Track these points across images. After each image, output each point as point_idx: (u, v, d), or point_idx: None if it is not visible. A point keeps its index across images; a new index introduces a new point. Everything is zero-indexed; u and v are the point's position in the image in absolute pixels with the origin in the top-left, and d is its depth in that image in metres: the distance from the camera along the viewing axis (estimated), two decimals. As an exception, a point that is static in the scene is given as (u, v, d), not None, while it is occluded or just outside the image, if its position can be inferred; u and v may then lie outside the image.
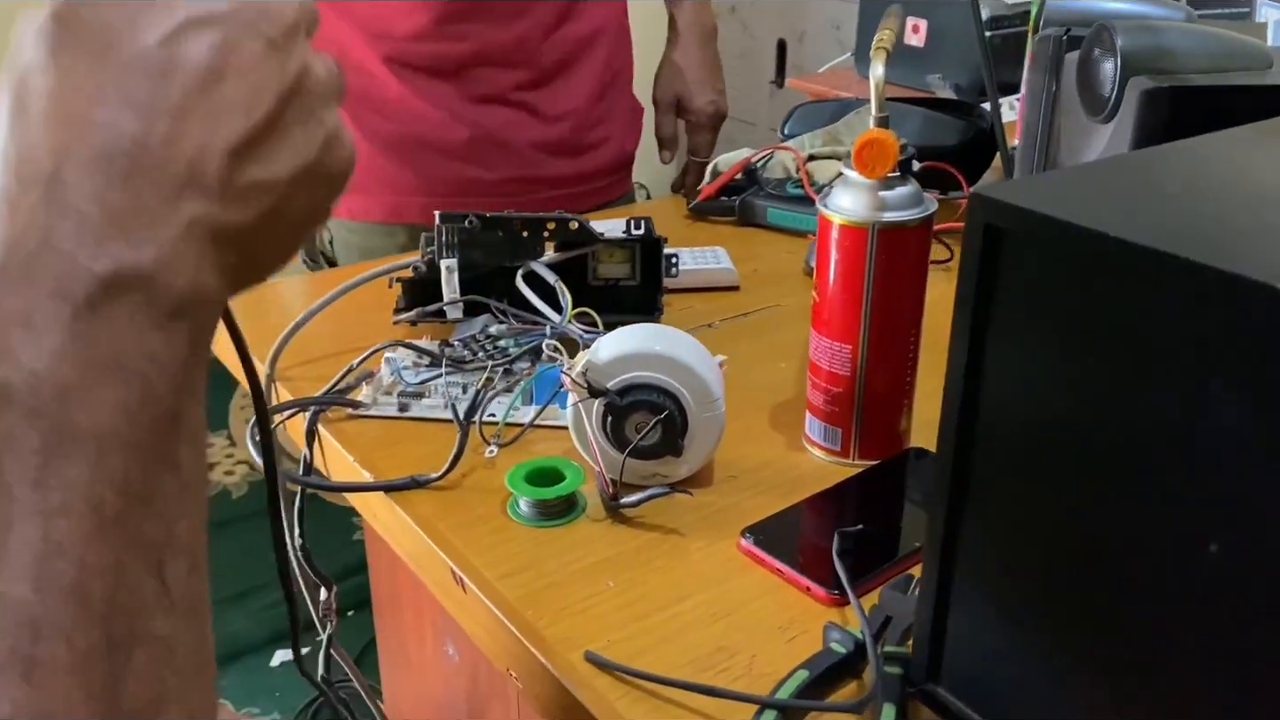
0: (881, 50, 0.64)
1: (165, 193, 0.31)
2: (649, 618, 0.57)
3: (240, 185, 0.32)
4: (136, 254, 0.30)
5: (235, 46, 0.32)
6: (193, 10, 0.32)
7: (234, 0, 0.32)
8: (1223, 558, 0.35)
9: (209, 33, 0.32)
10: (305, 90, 0.34)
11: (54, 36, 0.31)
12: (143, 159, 0.31)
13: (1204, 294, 0.33)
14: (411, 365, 0.78)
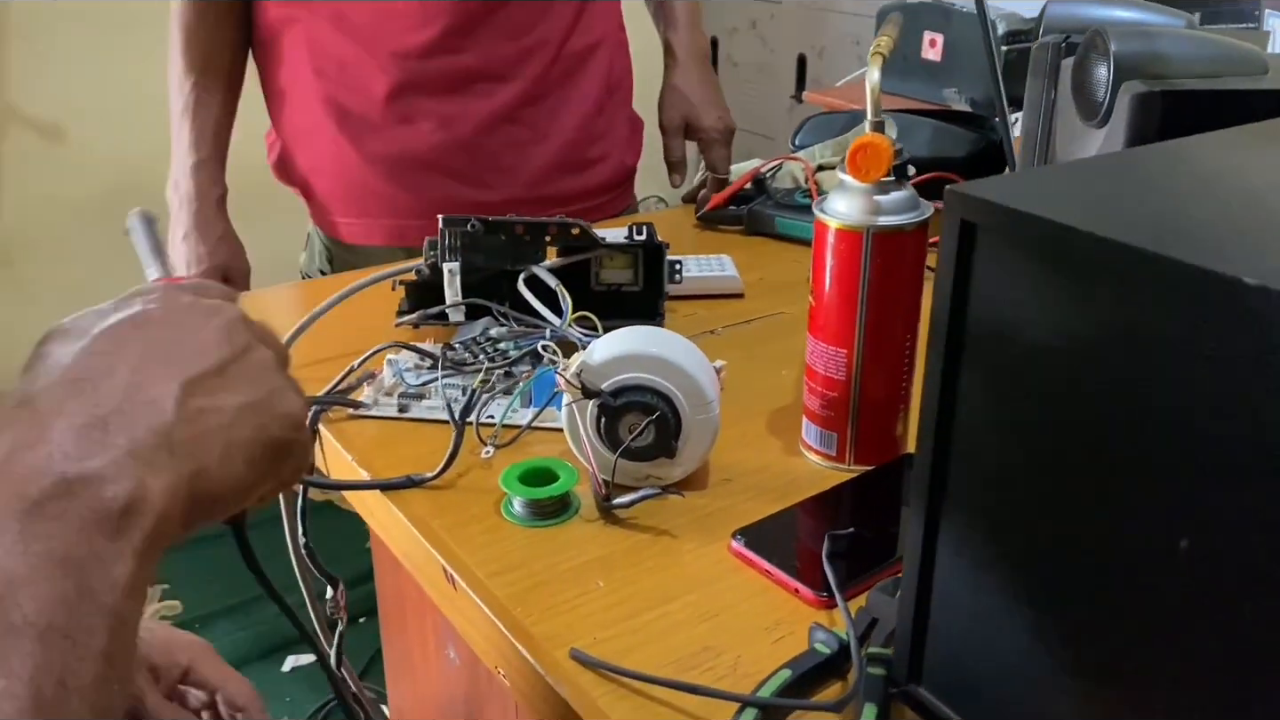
0: (878, 55, 0.64)
1: (123, 412, 0.37)
2: (637, 617, 0.57)
3: (190, 407, 0.39)
4: (88, 459, 0.36)
5: (190, 324, 0.42)
6: (155, 305, 0.42)
7: (187, 299, 0.43)
8: (1192, 555, 0.34)
9: (167, 317, 0.42)
10: (250, 356, 0.43)
11: (42, 343, 0.41)
12: (106, 390, 0.38)
13: (1173, 288, 0.33)
14: (413, 367, 0.79)
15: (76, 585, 0.34)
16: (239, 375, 0.42)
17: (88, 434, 0.36)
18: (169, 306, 0.42)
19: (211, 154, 1.20)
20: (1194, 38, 0.59)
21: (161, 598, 1.92)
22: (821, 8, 2.88)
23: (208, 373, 0.41)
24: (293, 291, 1.07)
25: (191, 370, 0.40)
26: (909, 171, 0.65)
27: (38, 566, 0.33)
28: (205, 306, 0.43)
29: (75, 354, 0.39)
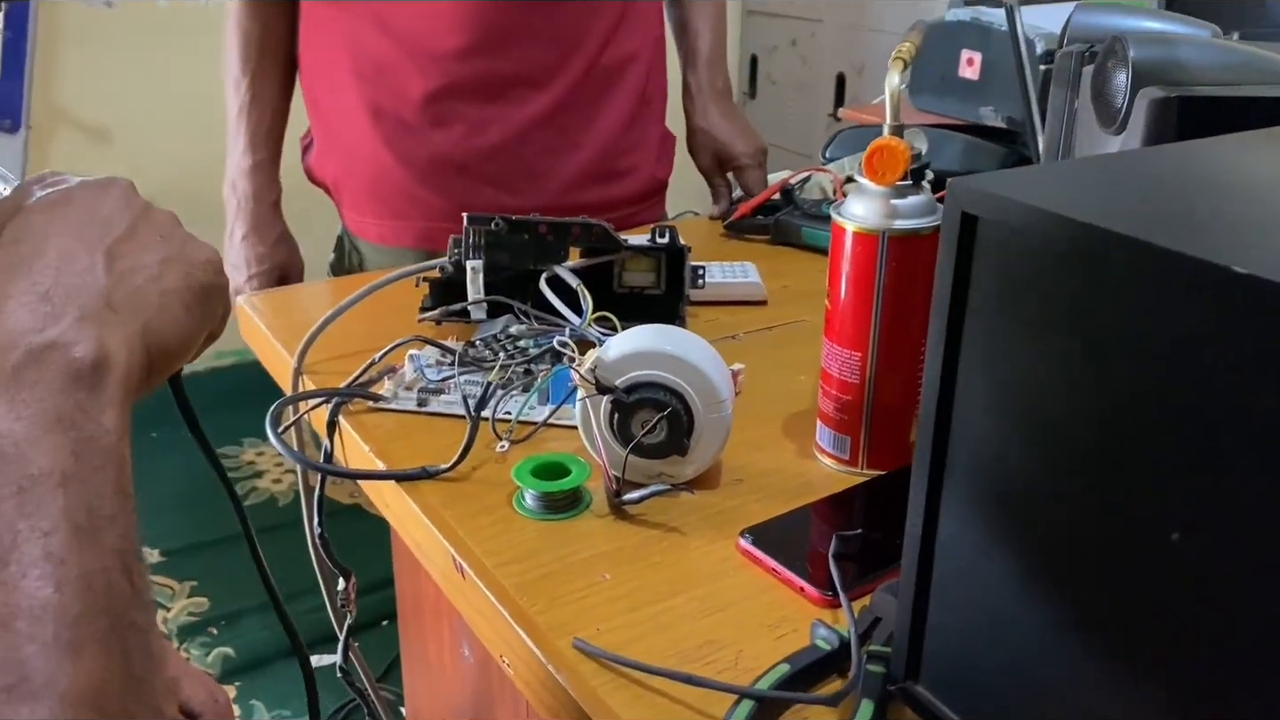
0: (899, 61, 0.64)
1: (63, 283, 0.42)
2: (641, 610, 0.57)
3: (118, 269, 0.44)
4: (45, 328, 0.40)
5: (92, 202, 0.46)
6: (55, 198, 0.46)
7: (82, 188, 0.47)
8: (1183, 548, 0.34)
9: (70, 201, 0.45)
10: (152, 216, 0.48)
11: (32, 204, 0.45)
12: (40, 267, 0.42)
13: (1168, 279, 0.33)
14: (434, 363, 0.80)
15: (74, 436, 0.38)
16: (149, 234, 0.46)
17: (37, 308, 0.40)
18: (65, 188, 0.46)
19: (268, 156, 1.23)
20: (1215, 46, 0.58)
21: (189, 594, 1.95)
22: (862, 27, 2.88)
23: (121, 238, 0.45)
24: (320, 288, 1.09)
25: (108, 238, 0.45)
26: (927, 176, 0.65)
27: (35, 425, 0.37)
28: (96, 182, 0.47)
29: (2, 244, 0.43)
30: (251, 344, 0.97)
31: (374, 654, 1.68)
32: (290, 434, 0.82)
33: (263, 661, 1.79)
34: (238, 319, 1.01)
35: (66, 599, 0.35)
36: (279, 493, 2.28)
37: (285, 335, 0.89)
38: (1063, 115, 0.68)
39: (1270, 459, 0.31)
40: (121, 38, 2.51)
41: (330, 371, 0.83)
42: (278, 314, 0.95)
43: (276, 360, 0.89)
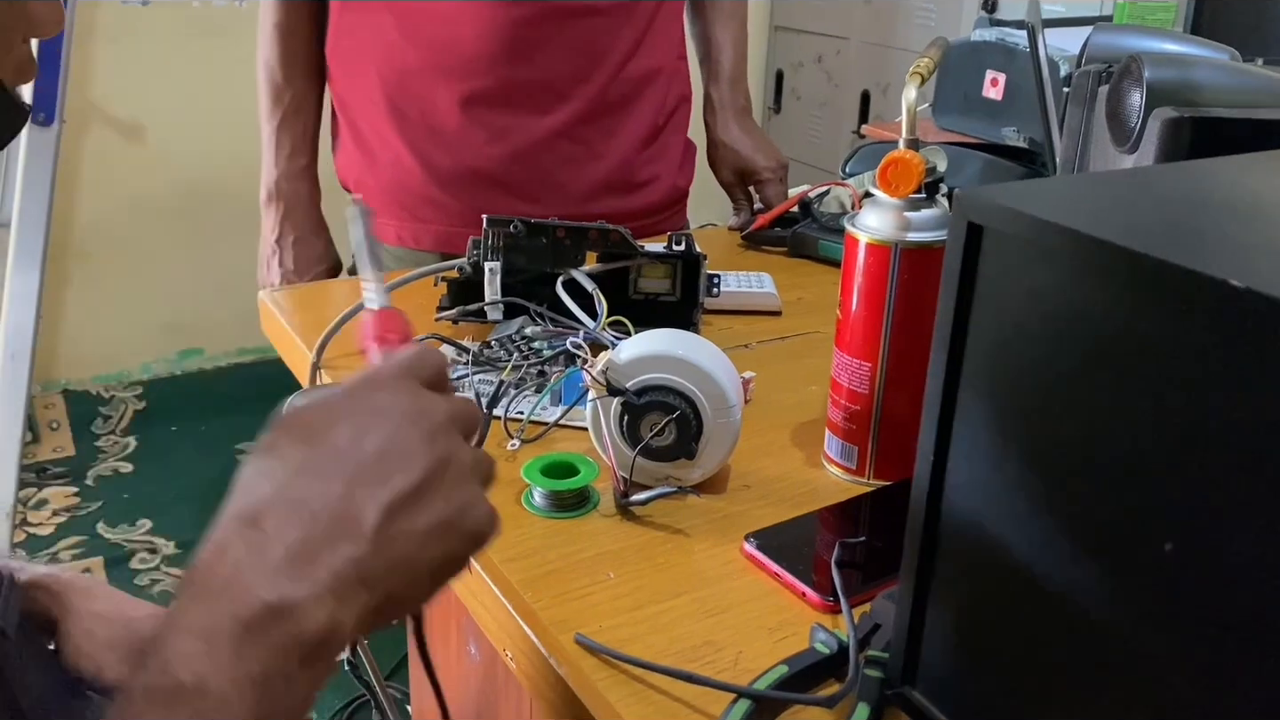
0: (916, 75, 0.65)
1: (331, 539, 0.40)
2: (643, 609, 0.58)
3: (388, 533, 0.42)
4: (295, 588, 0.39)
5: (398, 435, 0.43)
6: (372, 410, 0.43)
7: (403, 401, 0.44)
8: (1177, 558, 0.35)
9: (381, 426, 0.43)
10: (449, 468, 0.44)
11: (277, 430, 0.43)
12: (320, 514, 0.41)
13: (1169, 291, 0.33)
14: (450, 362, 0.81)
15: (270, 704, 0.38)
16: (436, 491, 0.43)
17: (298, 565, 0.39)
18: (387, 410, 0.44)
19: (311, 160, 1.24)
20: (1230, 68, 0.59)
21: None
22: (888, 45, 2.89)
23: (408, 494, 0.42)
24: (340, 286, 1.10)
25: (395, 491, 0.42)
26: (941, 190, 0.65)
27: (241, 687, 0.37)
28: (417, 410, 0.44)
29: (300, 466, 0.42)
30: (272, 339, 0.98)
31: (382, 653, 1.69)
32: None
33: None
34: (260, 314, 1.03)
35: None
36: (294, 490, 2.30)
37: (305, 330, 0.90)
38: (1078, 134, 0.69)
39: (1267, 471, 0.32)
40: (156, 35, 2.54)
41: (348, 367, 0.84)
42: (299, 309, 0.97)
43: (296, 355, 0.91)
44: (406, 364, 0.46)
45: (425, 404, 0.45)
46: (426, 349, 0.48)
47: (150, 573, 2.02)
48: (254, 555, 0.39)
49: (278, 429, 0.43)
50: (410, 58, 1.15)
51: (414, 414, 0.44)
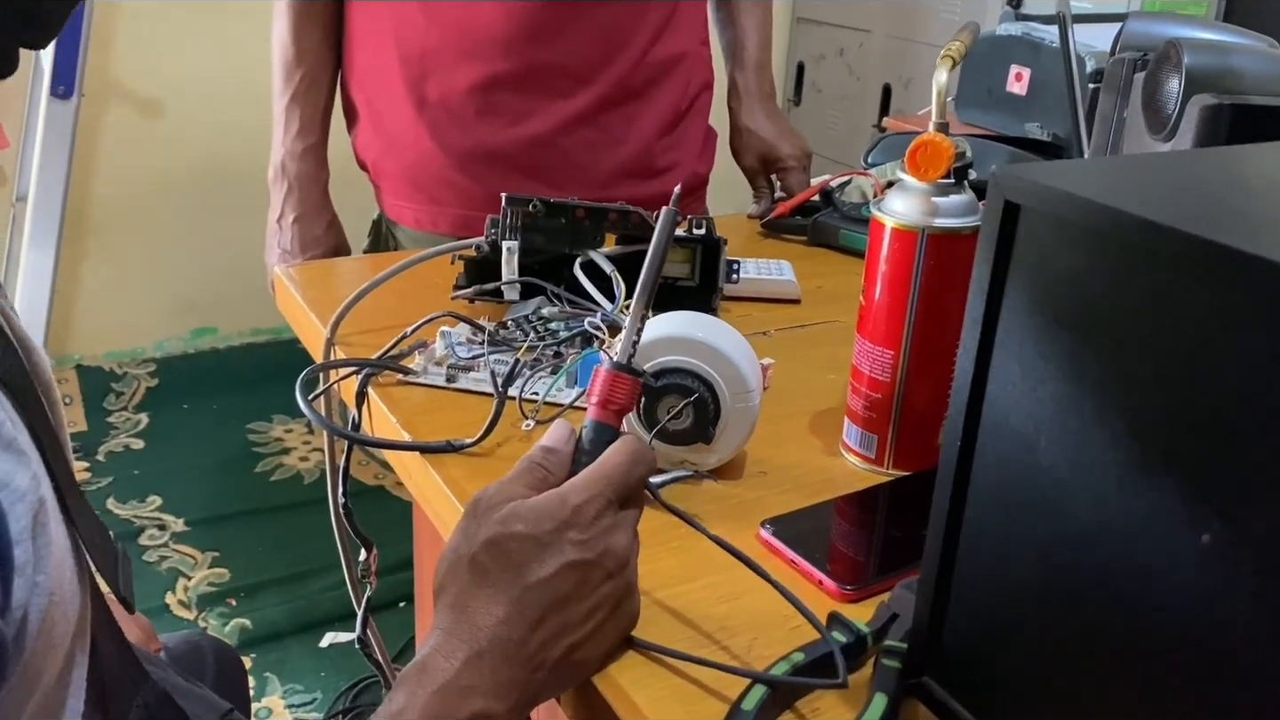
0: (948, 58, 0.64)
1: (520, 674, 0.48)
2: (657, 592, 0.57)
3: (559, 660, 0.49)
4: (491, 706, 0.47)
5: (589, 580, 0.50)
6: (569, 556, 0.49)
7: (603, 550, 0.50)
8: (1214, 551, 0.34)
9: (577, 571, 0.49)
10: (623, 603, 0.52)
11: (487, 555, 0.50)
12: (514, 651, 0.48)
13: (1208, 270, 0.32)
14: (465, 341, 0.80)
15: None
16: (611, 617, 0.51)
17: (501, 691, 0.48)
18: (573, 576, 0.50)
19: (320, 139, 1.23)
20: (1271, 56, 0.57)
21: (210, 565, 1.97)
22: (911, 39, 2.86)
23: (589, 632, 0.50)
24: (356, 264, 1.10)
25: (578, 634, 0.50)
26: (970, 175, 0.64)
27: None
28: (609, 554, 0.51)
29: (506, 605, 0.49)
30: (287, 315, 0.98)
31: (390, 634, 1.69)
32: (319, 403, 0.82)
33: (278, 635, 1.81)
34: (275, 291, 1.02)
35: None
36: (305, 470, 2.30)
37: (320, 307, 0.89)
38: (1111, 122, 0.67)
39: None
40: (177, 12, 2.54)
41: (362, 344, 0.83)
42: (313, 286, 0.96)
43: (311, 331, 0.90)
44: (612, 486, 0.52)
45: (616, 544, 0.51)
46: (631, 456, 0.52)
47: (159, 549, 2.02)
48: (473, 678, 0.47)
49: (489, 542, 0.50)
50: (431, 39, 1.14)
51: (611, 563, 0.51)
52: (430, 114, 1.17)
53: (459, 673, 0.46)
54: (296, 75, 1.21)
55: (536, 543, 0.49)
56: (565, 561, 0.49)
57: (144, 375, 2.71)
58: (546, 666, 0.49)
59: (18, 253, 2.33)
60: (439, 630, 0.49)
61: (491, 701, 0.47)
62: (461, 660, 0.47)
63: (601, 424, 0.54)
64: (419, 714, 0.46)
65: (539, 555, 0.49)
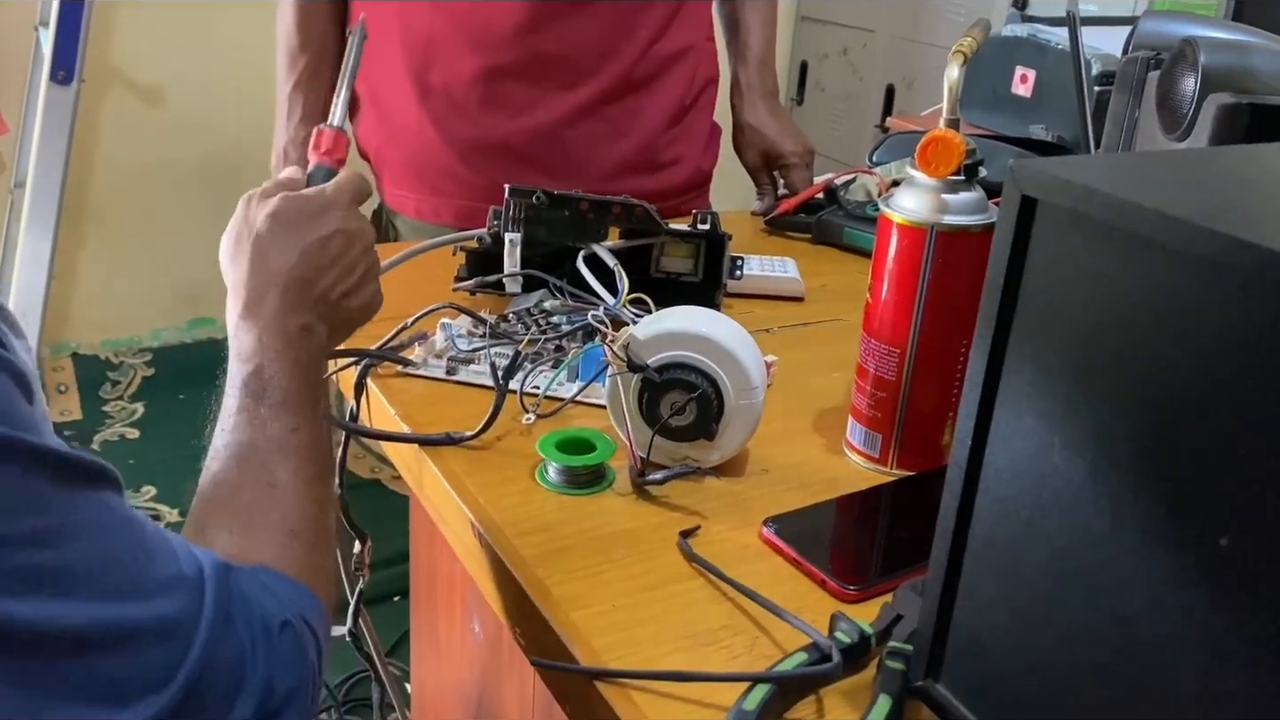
0: (960, 54, 0.63)
1: (309, 313, 0.61)
2: (657, 589, 0.56)
3: (335, 302, 0.63)
4: (301, 319, 0.60)
5: (353, 246, 0.63)
6: (337, 225, 0.62)
7: (358, 227, 0.64)
8: (1233, 554, 0.33)
9: (344, 237, 0.63)
10: (371, 269, 0.65)
11: (272, 222, 0.61)
12: (307, 290, 0.61)
13: (1232, 268, 0.31)
14: (466, 333, 0.80)
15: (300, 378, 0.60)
16: (365, 284, 0.65)
17: (311, 308, 0.62)
18: (345, 229, 0.63)
19: None
20: (1289, 56, 0.57)
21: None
22: (915, 39, 2.86)
23: (353, 283, 0.64)
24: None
25: (348, 282, 0.64)
26: (980, 173, 0.63)
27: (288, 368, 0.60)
28: (361, 230, 0.65)
29: (296, 255, 0.61)
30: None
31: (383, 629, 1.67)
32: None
33: (272, 628, 1.80)
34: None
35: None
36: (300, 463, 2.29)
37: (319, 296, 0.89)
38: (1123, 122, 0.67)
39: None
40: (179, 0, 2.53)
41: (361, 335, 0.82)
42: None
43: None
44: (353, 190, 0.65)
45: (364, 225, 0.65)
46: (360, 176, 0.66)
47: (153, 539, 2.01)
48: (286, 300, 0.60)
49: (272, 214, 0.61)
50: (437, 27, 1.13)
51: (360, 234, 0.64)
52: (433, 103, 1.16)
53: (280, 306, 0.60)
54: (301, 63, 1.20)
55: (309, 214, 0.62)
56: (336, 228, 0.62)
57: (140, 365, 2.70)
58: (327, 304, 0.61)
59: (15, 239, 2.31)
60: (242, 286, 0.61)
61: (309, 318, 0.60)
62: (278, 295, 0.59)
63: (327, 168, 0.68)
64: (256, 342, 0.59)
65: (314, 221, 0.61)
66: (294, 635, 0.49)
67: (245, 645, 0.47)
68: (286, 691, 0.48)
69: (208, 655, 0.45)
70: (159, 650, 0.44)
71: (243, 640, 0.47)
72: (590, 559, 0.58)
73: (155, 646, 0.43)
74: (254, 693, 0.46)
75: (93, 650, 0.41)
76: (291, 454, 0.57)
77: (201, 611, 0.45)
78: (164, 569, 0.46)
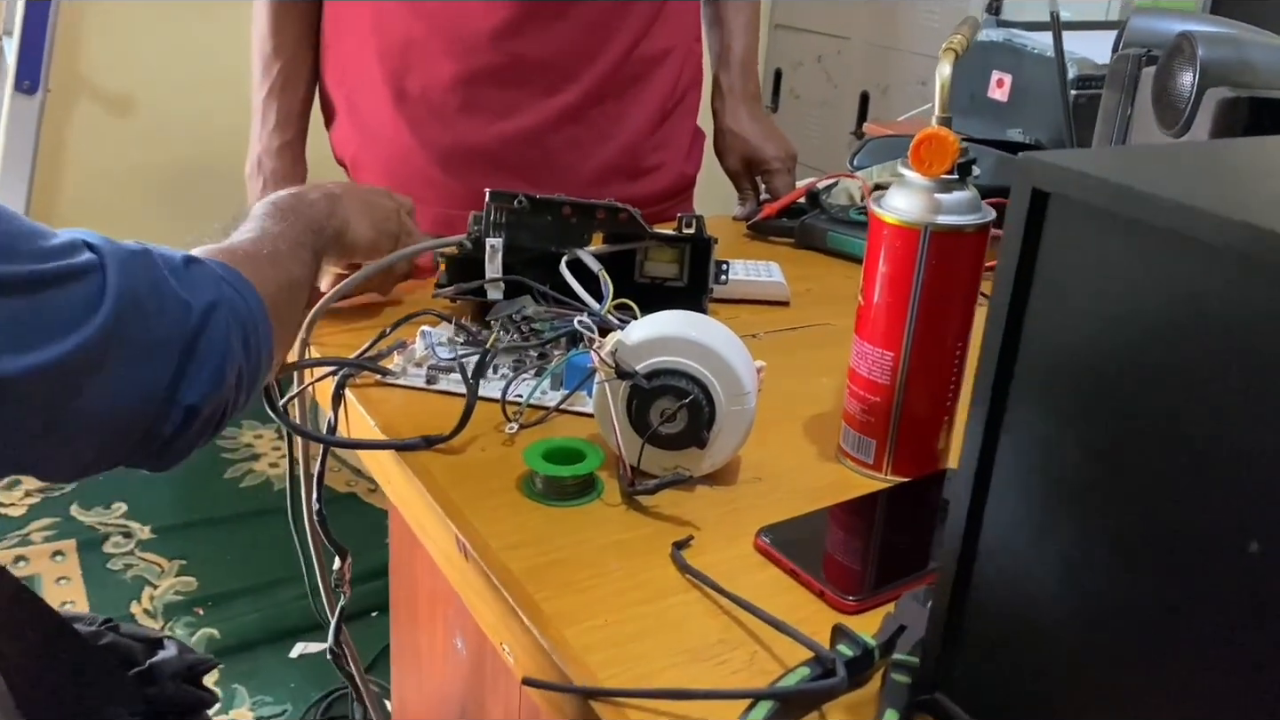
0: (950, 51, 0.62)
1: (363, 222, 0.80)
2: (652, 603, 0.54)
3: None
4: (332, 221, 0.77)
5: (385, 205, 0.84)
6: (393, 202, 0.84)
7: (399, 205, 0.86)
8: (1265, 561, 0.32)
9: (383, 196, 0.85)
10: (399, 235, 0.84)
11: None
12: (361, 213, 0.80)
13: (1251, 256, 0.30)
14: (446, 341, 0.78)
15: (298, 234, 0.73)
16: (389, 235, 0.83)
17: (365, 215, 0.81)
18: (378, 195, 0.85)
19: (296, 135, 1.20)
20: (1287, 49, 0.56)
21: (177, 573, 1.92)
22: (889, 47, 2.86)
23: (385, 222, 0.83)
24: (334, 263, 1.06)
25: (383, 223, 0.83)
26: (974, 173, 0.62)
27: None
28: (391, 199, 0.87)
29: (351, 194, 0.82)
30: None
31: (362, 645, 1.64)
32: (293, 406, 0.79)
33: (247, 646, 1.76)
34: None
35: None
36: (275, 476, 2.25)
37: (294, 305, 0.86)
38: (1115, 119, 0.66)
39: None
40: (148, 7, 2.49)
41: (339, 344, 0.80)
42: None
43: (284, 330, 0.87)
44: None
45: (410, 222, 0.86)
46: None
47: (124, 557, 1.97)
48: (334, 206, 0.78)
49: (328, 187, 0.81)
50: (412, 30, 1.11)
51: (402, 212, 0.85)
52: (410, 109, 1.14)
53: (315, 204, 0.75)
54: (274, 69, 1.17)
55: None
56: (385, 191, 0.85)
57: (110, 379, 2.65)
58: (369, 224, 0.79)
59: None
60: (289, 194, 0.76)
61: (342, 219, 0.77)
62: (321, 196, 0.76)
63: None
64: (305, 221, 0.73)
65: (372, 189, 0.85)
66: (203, 268, 0.59)
67: (161, 273, 0.55)
68: (204, 307, 0.56)
69: (123, 284, 0.52)
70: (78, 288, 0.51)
71: (157, 276, 0.55)
72: (581, 572, 0.56)
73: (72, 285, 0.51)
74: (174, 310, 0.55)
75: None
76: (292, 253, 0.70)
77: (105, 260, 0.53)
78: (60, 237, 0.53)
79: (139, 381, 0.53)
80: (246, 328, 0.59)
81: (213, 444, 2.51)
